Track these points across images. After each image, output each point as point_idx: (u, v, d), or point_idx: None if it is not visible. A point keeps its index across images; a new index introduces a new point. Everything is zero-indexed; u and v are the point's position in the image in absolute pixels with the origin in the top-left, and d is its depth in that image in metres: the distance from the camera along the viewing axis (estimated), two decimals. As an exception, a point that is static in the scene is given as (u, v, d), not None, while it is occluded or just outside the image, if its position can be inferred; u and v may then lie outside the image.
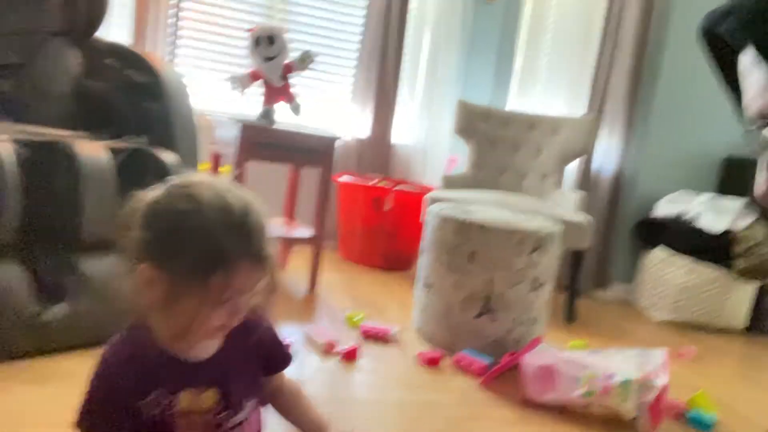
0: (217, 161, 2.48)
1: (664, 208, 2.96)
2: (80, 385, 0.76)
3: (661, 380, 1.52)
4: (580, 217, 2.48)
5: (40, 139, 1.60)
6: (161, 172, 1.74)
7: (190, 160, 1.94)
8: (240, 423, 0.79)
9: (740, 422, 1.75)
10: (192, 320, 0.70)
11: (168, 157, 1.79)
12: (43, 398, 1.25)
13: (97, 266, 1.55)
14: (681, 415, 1.69)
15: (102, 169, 1.61)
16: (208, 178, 0.74)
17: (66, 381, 1.33)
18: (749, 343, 2.69)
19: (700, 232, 2.72)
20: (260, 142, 2.21)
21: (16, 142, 1.52)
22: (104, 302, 1.48)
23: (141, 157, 1.79)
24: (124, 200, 0.73)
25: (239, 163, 2.16)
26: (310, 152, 2.32)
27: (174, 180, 0.73)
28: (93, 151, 1.62)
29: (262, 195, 0.77)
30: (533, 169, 2.94)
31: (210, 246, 0.67)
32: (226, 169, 2.39)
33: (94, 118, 1.99)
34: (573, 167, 3.09)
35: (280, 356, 0.86)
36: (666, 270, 2.81)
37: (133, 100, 1.99)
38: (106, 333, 0.81)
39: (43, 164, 1.57)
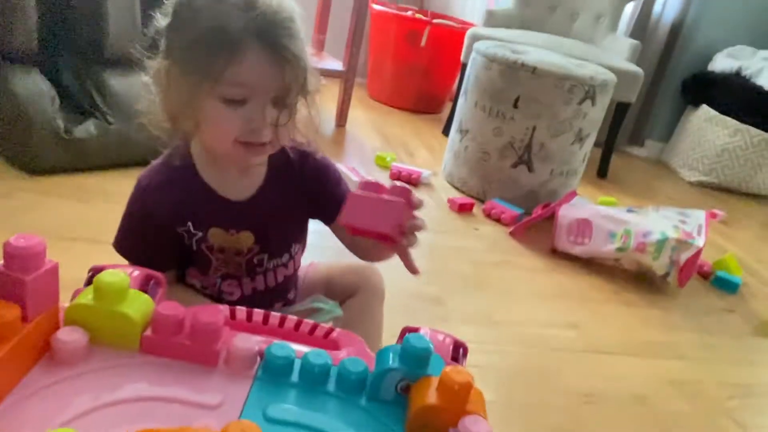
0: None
1: (721, 63, 2.74)
2: (118, 203, 0.73)
3: (698, 241, 1.50)
4: (633, 68, 2.31)
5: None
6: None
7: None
8: (285, 264, 0.78)
9: (764, 286, 1.77)
10: (206, 117, 0.64)
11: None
12: (82, 213, 1.25)
13: (124, 83, 1.46)
14: (708, 276, 1.70)
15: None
16: None
17: (104, 198, 1.33)
18: (778, 211, 2.66)
19: (755, 92, 2.54)
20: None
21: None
22: (134, 121, 1.42)
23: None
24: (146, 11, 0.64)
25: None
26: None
27: None
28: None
29: None
30: (587, 7, 2.67)
31: (215, 20, 0.60)
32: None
33: None
34: (630, 10, 2.81)
35: (334, 200, 0.74)
36: (709, 129, 2.68)
37: None
38: (139, 153, 0.76)
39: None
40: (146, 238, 0.70)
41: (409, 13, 2.80)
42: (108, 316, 0.48)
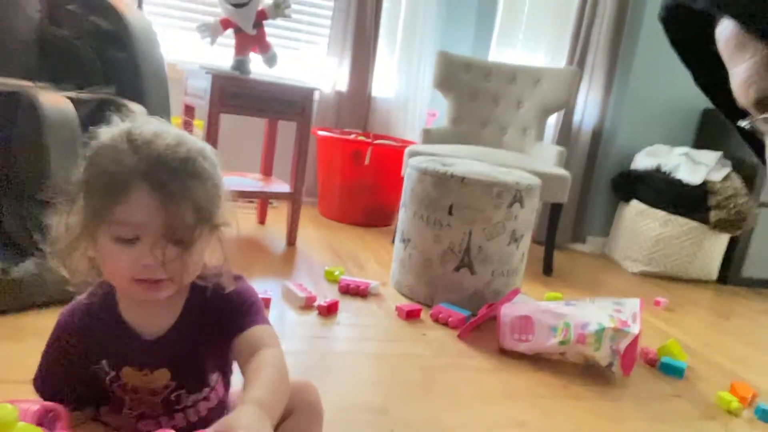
0: (189, 115, 2.41)
1: (642, 161, 2.97)
2: (50, 339, 0.74)
3: (634, 329, 1.55)
4: (560, 171, 2.48)
5: (1, 89, 1.53)
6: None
7: (160, 111, 1.87)
8: (205, 397, 0.76)
9: (710, 368, 1.80)
10: (102, 255, 0.65)
11: (136, 107, 1.72)
12: (18, 353, 1.23)
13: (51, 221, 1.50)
14: (654, 362, 1.73)
15: (66, 120, 1.54)
16: (155, 120, 0.69)
17: (38, 336, 1.30)
18: (720, 293, 2.77)
19: (676, 185, 2.75)
20: (234, 93, 2.14)
21: (-26, 91, 1.45)
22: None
23: (108, 108, 1.72)
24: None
25: (212, 116, 2.10)
26: (287, 104, 2.26)
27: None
28: (56, 102, 1.55)
29: (237, 149, 0.73)
30: (514, 122, 2.92)
31: (107, 165, 0.63)
32: (199, 123, 2.31)
33: (58, 67, 1.90)
34: (553, 121, 3.07)
35: (239, 317, 0.72)
36: (642, 222, 2.85)
37: (98, 48, 1.90)
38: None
39: (4, 115, 1.50)
40: (59, 376, 0.70)
41: (352, 135, 3.00)
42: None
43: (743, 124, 0.44)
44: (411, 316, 1.81)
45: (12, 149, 1.49)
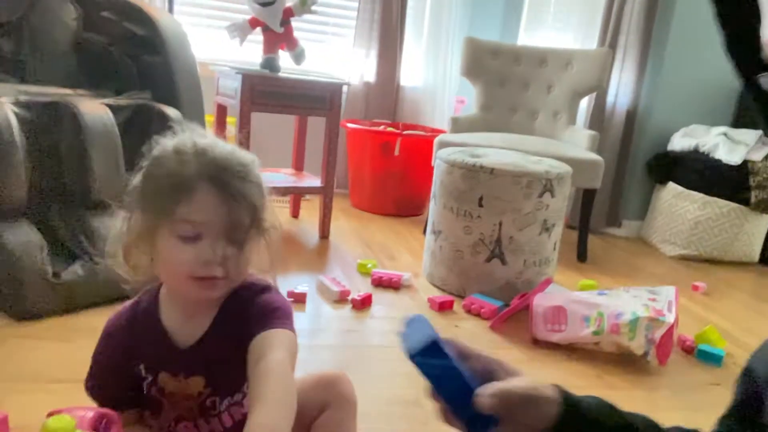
0: (222, 113, 2.46)
1: (679, 143, 2.90)
2: (102, 340, 0.79)
3: (669, 317, 1.53)
4: (592, 156, 2.45)
5: (43, 100, 1.60)
6: (165, 126, 1.73)
7: (194, 113, 1.93)
8: (239, 402, 0.78)
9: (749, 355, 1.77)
10: (161, 253, 0.69)
11: (171, 111, 1.77)
12: (69, 354, 1.30)
13: (110, 225, 1.57)
14: (691, 350, 1.71)
15: (106, 127, 1.61)
16: (207, 133, 0.74)
17: (89, 336, 1.38)
18: (762, 275, 2.69)
19: (715, 166, 2.68)
20: (264, 91, 2.18)
21: (18, 104, 1.52)
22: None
23: (145, 112, 1.78)
24: (130, 157, 0.73)
25: (244, 115, 2.14)
26: (316, 100, 2.29)
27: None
28: (96, 110, 1.61)
29: (269, 146, 0.76)
30: (544, 107, 2.88)
31: (170, 169, 0.68)
32: (231, 121, 2.37)
33: (95, 73, 1.97)
34: (585, 104, 3.02)
35: (256, 323, 0.72)
36: (679, 205, 2.79)
37: (133, 53, 1.96)
38: (125, 290, 0.83)
39: (47, 125, 1.57)
40: (107, 379, 0.75)
41: (382, 127, 3.01)
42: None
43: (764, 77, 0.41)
44: (443, 307, 1.83)
45: (58, 157, 1.56)
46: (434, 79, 3.22)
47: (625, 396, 1.44)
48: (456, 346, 0.54)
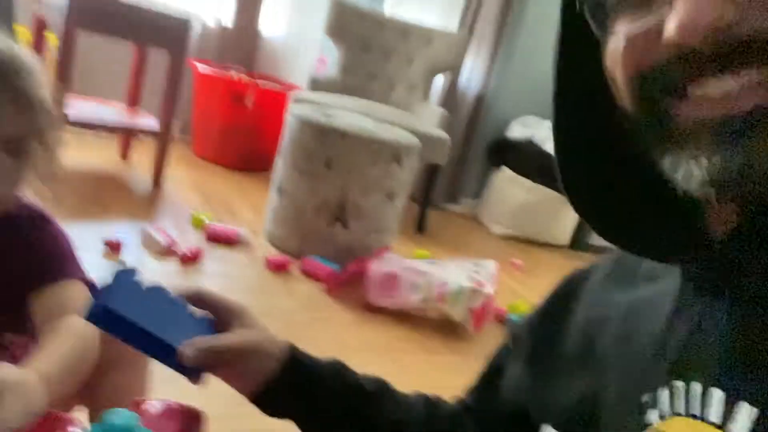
0: (40, 27, 2.11)
1: (516, 131, 3.13)
2: None
3: (488, 289, 1.65)
4: (440, 133, 2.54)
5: None
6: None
7: (1, 20, 1.62)
8: (23, 345, 0.68)
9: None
10: None
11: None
12: None
13: None
14: (503, 319, 1.87)
15: None
16: None
17: None
18: (570, 258, 3.05)
19: (544, 156, 2.94)
20: (95, 9, 1.90)
21: None
22: None
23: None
24: None
25: (67, 32, 1.85)
26: (158, 32, 2.06)
27: None
28: None
29: (99, 75, 0.65)
30: (403, 79, 2.92)
31: None
32: (52, 38, 2.04)
33: None
34: (440, 84, 3.12)
35: (38, 269, 0.64)
36: (509, 188, 3.03)
37: None
38: None
39: None
40: None
41: (234, 72, 2.83)
42: None
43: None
44: (280, 267, 1.79)
45: None
46: (297, 33, 3.09)
47: (444, 361, 1.53)
48: (193, 294, 0.53)
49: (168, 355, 0.47)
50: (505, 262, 2.51)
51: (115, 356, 0.71)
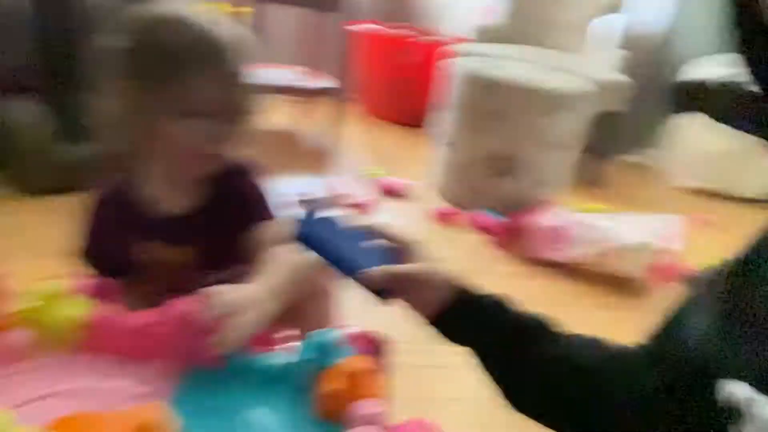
0: (236, 1, 2.35)
1: (708, 71, 2.76)
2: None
3: (674, 246, 1.53)
4: (618, 77, 2.35)
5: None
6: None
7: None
8: (225, 281, 0.79)
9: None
10: (160, 124, 0.69)
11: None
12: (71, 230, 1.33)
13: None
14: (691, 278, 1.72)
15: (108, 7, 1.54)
16: (194, 7, 0.71)
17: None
18: (773, 214, 2.66)
19: (743, 96, 2.56)
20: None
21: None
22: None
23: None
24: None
25: (259, 4, 2.05)
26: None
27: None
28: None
29: (280, 42, 0.73)
30: (575, 21, 2.72)
31: (175, 45, 0.67)
32: (246, 10, 2.26)
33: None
34: (618, 25, 2.85)
35: (253, 212, 0.77)
36: (699, 136, 2.70)
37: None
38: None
39: (56, 4, 1.51)
40: (101, 246, 0.77)
41: (399, 30, 2.88)
42: (52, 318, 0.55)
43: None
44: (448, 219, 1.84)
45: (61, 38, 1.52)
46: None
47: (617, 316, 1.47)
48: (377, 229, 0.61)
49: (359, 276, 0.54)
50: (692, 218, 2.28)
51: (319, 288, 0.82)
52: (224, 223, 0.75)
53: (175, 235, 0.76)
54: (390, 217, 1.80)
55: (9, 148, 1.42)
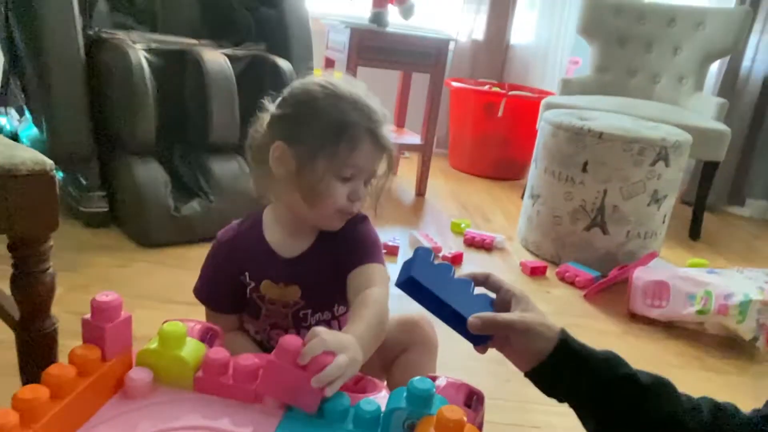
0: (329, 67, 2.52)
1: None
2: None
3: (788, 304, 1.40)
4: (718, 126, 2.24)
5: (171, 48, 1.73)
6: (277, 78, 1.82)
7: (304, 66, 1.99)
8: (327, 321, 0.85)
9: None
10: (319, 185, 0.75)
11: (284, 63, 1.85)
12: (185, 279, 1.44)
13: (225, 167, 1.70)
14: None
15: (225, 75, 1.71)
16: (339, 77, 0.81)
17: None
18: None
19: None
20: (371, 46, 2.20)
21: (150, 51, 1.66)
22: (231, 199, 1.65)
23: (259, 63, 1.87)
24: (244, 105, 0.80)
25: (350, 69, 2.18)
26: (421, 56, 2.28)
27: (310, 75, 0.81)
28: (217, 59, 1.72)
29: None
30: (668, 70, 2.65)
31: (338, 117, 0.74)
32: (338, 75, 2.41)
33: (216, 24, 2.09)
34: (715, 69, 2.74)
35: (356, 253, 0.80)
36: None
37: (251, 5, 2.05)
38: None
39: (174, 71, 1.70)
40: (215, 283, 0.84)
41: (486, 86, 2.94)
42: (168, 359, 0.60)
43: None
44: (536, 272, 1.80)
45: (182, 101, 1.69)
46: (547, 37, 3.06)
47: (728, 381, 1.35)
48: (482, 277, 0.64)
49: (459, 323, 0.55)
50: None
51: (412, 339, 0.86)
52: (331, 265, 0.80)
53: (285, 275, 0.81)
54: (477, 269, 1.79)
55: (132, 205, 1.58)
